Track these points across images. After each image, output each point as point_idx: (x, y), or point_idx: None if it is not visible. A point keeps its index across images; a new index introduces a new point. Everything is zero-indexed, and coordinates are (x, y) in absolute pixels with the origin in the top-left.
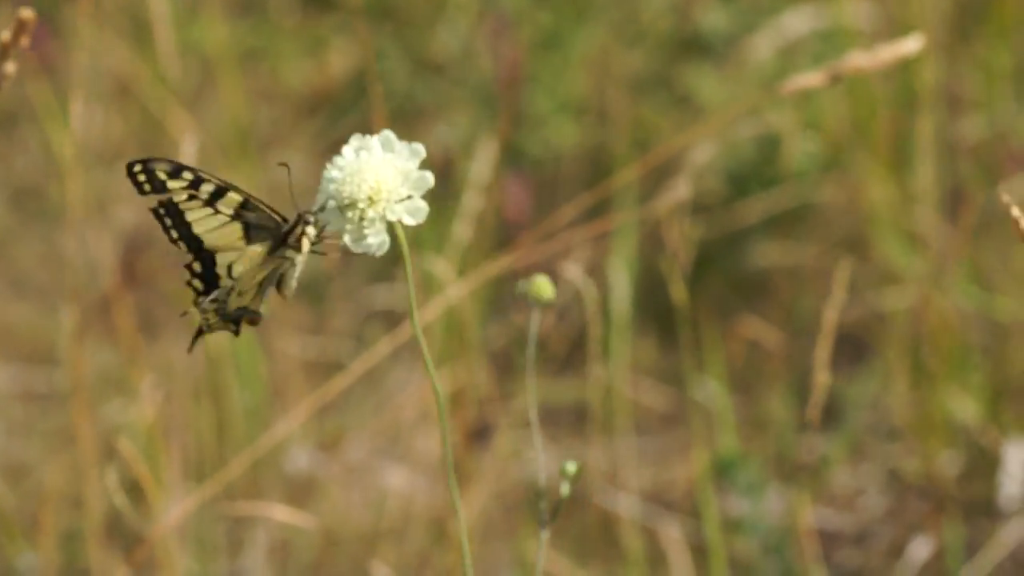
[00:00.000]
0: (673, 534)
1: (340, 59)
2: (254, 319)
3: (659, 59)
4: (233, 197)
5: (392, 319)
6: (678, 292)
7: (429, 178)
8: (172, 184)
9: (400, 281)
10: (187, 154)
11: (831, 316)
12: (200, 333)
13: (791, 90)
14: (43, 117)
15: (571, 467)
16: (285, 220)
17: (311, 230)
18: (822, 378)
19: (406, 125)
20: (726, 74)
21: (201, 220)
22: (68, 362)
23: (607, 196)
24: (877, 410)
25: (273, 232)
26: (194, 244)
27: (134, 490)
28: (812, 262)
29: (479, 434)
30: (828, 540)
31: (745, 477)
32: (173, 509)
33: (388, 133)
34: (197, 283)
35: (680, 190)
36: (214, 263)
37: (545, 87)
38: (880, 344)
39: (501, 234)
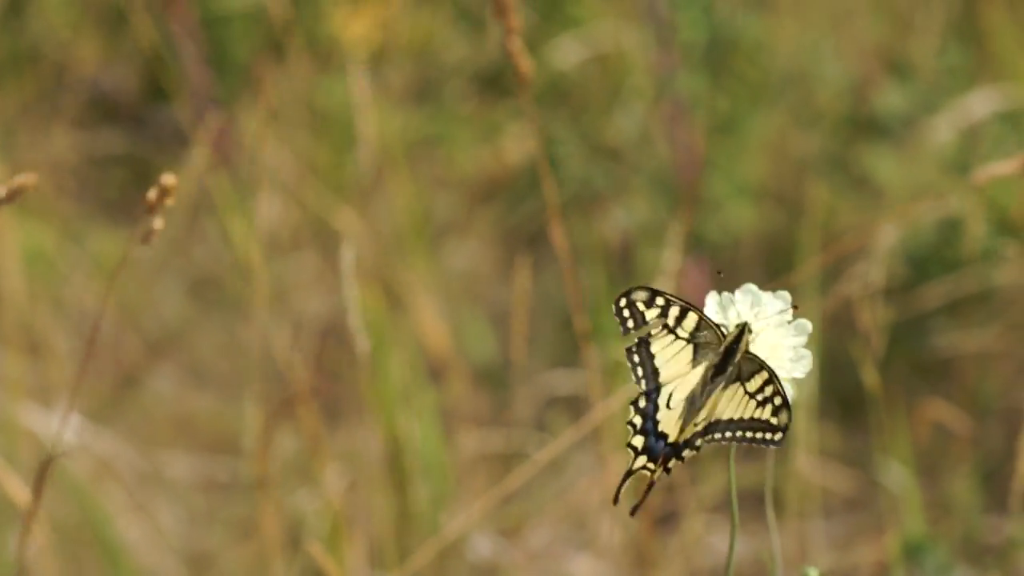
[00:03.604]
0: None
1: (515, 145)
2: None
3: (836, 141)
4: (691, 318)
5: (574, 405)
6: (870, 377)
7: (807, 324)
8: (648, 313)
9: (581, 367)
10: (346, 257)
11: None
12: (628, 475)
13: (983, 179)
14: (223, 208)
15: (813, 574)
16: (723, 333)
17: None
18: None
19: (582, 210)
20: (905, 156)
21: (663, 349)
22: (254, 454)
23: (789, 280)
24: None
25: (713, 348)
26: (653, 379)
27: None
28: (996, 346)
29: (665, 519)
30: None
31: (933, 560)
32: None
33: (751, 286)
34: (638, 419)
35: (873, 275)
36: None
37: (722, 171)
38: None
39: None
